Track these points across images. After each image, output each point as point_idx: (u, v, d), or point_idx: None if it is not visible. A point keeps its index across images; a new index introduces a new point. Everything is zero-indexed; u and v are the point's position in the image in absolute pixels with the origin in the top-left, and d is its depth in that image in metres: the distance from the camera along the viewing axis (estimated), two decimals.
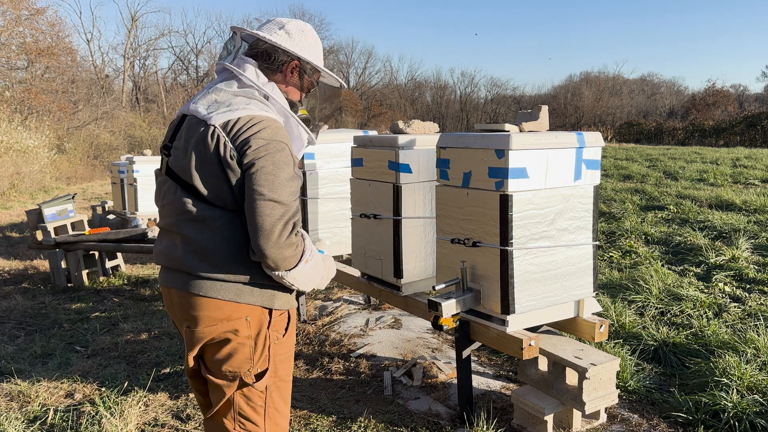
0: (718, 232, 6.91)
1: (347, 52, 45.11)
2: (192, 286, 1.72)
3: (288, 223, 1.61)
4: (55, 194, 14.08)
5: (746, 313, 4.36)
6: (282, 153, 1.66)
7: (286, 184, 1.63)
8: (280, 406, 1.85)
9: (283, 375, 1.84)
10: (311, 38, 1.86)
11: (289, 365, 1.87)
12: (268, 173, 1.62)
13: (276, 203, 1.60)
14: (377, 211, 3.36)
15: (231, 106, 1.69)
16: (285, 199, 1.62)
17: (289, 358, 1.86)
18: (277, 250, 1.60)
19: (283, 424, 1.87)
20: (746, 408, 2.86)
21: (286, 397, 1.88)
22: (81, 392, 3.44)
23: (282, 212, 1.61)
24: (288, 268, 1.65)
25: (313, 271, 1.72)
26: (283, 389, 1.85)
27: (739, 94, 43.82)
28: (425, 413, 3.07)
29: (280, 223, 1.60)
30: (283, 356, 1.82)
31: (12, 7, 18.84)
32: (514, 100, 44.46)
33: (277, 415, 1.84)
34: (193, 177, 1.70)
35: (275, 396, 1.82)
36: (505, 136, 2.59)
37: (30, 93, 19.72)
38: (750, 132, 28.45)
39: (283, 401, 1.86)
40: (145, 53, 37.38)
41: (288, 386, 1.88)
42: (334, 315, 4.68)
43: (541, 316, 2.82)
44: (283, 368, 1.83)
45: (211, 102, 1.73)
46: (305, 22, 1.88)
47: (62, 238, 5.85)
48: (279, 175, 1.63)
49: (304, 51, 1.83)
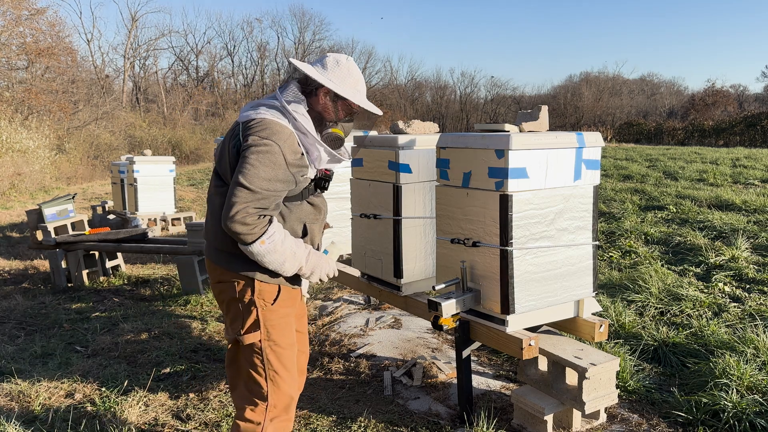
0: (717, 232, 6.91)
1: (347, 52, 45.12)
2: (208, 253, 2.17)
3: (248, 207, 1.90)
4: (56, 194, 14.08)
5: (746, 313, 4.36)
6: (269, 153, 1.94)
7: (261, 176, 1.92)
8: (280, 369, 2.11)
9: (277, 340, 2.10)
10: (344, 69, 2.15)
11: (283, 332, 2.13)
12: (250, 164, 1.92)
13: (245, 189, 1.90)
14: (377, 211, 3.36)
15: (257, 111, 2.05)
16: (255, 188, 1.91)
17: (283, 326, 2.13)
18: (231, 224, 1.91)
19: (285, 388, 2.13)
20: (746, 408, 2.86)
21: (286, 363, 2.13)
22: (81, 392, 3.44)
23: (248, 197, 1.90)
24: (242, 243, 1.95)
25: (273, 255, 1.97)
26: (281, 355, 2.12)
27: (738, 94, 43.82)
28: (425, 413, 3.07)
29: (241, 205, 1.90)
30: (274, 322, 2.10)
31: (12, 7, 18.84)
32: (514, 100, 44.45)
33: (278, 378, 2.11)
34: (218, 159, 2.12)
35: (272, 358, 2.10)
36: (505, 136, 2.59)
37: (30, 93, 19.72)
38: (750, 132, 28.45)
39: (282, 366, 2.12)
40: (145, 53, 37.42)
41: (286, 353, 2.13)
42: (334, 315, 4.68)
43: (541, 316, 2.83)
44: (276, 333, 2.10)
45: (247, 108, 2.12)
46: (347, 57, 2.18)
47: (62, 238, 5.86)
48: (258, 168, 1.92)
49: (333, 80, 2.12)
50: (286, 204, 2.10)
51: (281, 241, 1.99)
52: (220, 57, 41.24)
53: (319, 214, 2.21)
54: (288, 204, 2.10)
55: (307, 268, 2.10)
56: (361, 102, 2.18)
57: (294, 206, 2.11)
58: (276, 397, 2.12)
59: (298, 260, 2.05)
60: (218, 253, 2.11)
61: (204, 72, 39.36)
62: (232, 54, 43.54)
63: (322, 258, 2.15)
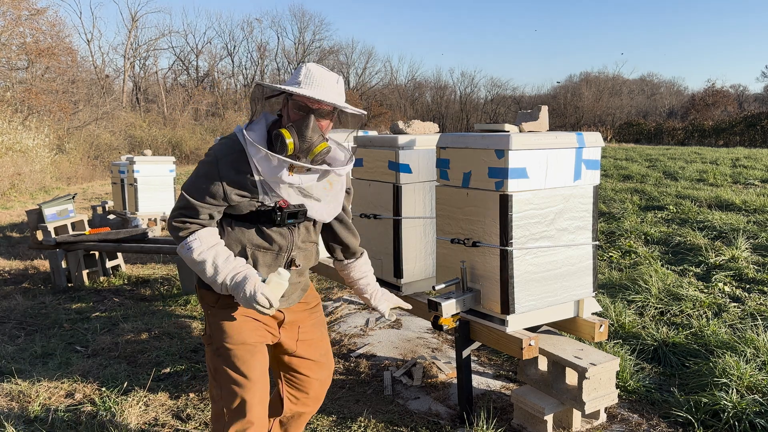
0: (717, 232, 6.91)
1: (347, 52, 45.12)
2: None
3: (176, 213, 1.97)
4: (56, 194, 14.08)
5: (746, 313, 4.36)
6: (206, 164, 1.96)
7: (194, 185, 1.95)
8: (230, 374, 1.99)
9: (219, 340, 2.02)
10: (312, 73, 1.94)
11: (226, 333, 2.02)
12: (193, 173, 1.99)
13: (181, 194, 1.98)
14: (377, 211, 3.36)
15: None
16: (187, 195, 1.95)
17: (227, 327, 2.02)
18: (167, 226, 2.03)
19: (241, 393, 1.97)
20: (746, 408, 2.86)
21: (237, 366, 1.99)
22: (81, 392, 3.44)
23: (180, 203, 1.97)
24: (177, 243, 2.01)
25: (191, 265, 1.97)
26: (226, 356, 2.00)
27: (738, 94, 43.81)
28: (425, 413, 3.07)
29: (175, 210, 1.98)
30: (217, 324, 2.04)
31: (12, 8, 18.83)
32: (514, 100, 44.45)
33: (229, 383, 1.98)
34: None
35: (217, 362, 2.02)
36: (505, 136, 2.59)
37: (30, 93, 19.71)
38: (750, 132, 28.46)
39: (231, 370, 1.99)
40: (146, 53, 37.41)
41: (233, 355, 1.99)
42: (334, 315, 4.68)
43: (541, 316, 2.83)
44: (218, 335, 2.02)
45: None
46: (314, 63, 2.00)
47: (62, 238, 5.86)
48: (193, 177, 1.97)
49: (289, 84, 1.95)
50: (233, 222, 2.01)
51: (198, 252, 1.92)
52: (220, 57, 41.32)
53: (272, 245, 2.02)
54: (234, 222, 2.01)
55: (231, 287, 1.92)
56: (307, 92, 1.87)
57: (239, 226, 2.01)
58: (226, 401, 1.99)
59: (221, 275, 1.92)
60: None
61: (204, 72, 39.39)
62: (232, 54, 43.59)
63: (250, 282, 1.89)
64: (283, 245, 2.04)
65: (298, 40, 42.09)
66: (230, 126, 29.49)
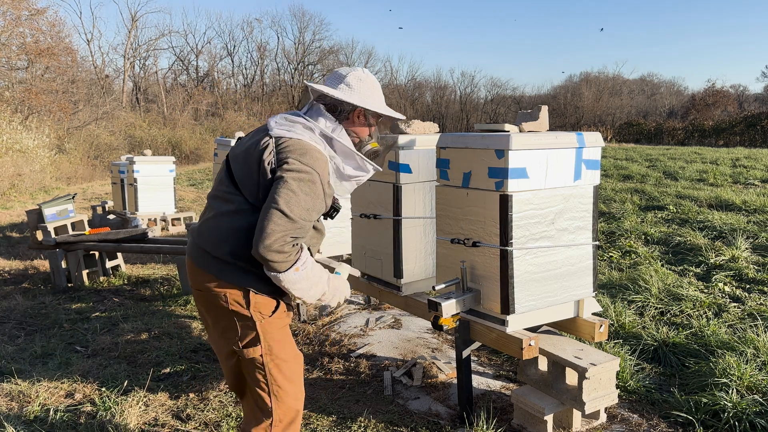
0: (717, 232, 6.91)
1: (347, 52, 45.07)
2: (195, 254, 2.06)
3: (286, 236, 1.84)
4: (56, 194, 14.08)
5: (746, 313, 4.36)
6: (311, 182, 1.91)
7: (302, 205, 1.87)
8: (284, 383, 2.07)
9: (279, 353, 2.05)
10: (368, 83, 2.15)
11: (284, 344, 2.08)
12: (290, 190, 1.87)
13: (285, 217, 1.83)
14: (377, 211, 3.36)
15: (291, 129, 2.00)
16: (295, 216, 1.85)
17: (283, 337, 2.08)
18: (266, 252, 1.83)
19: (289, 402, 2.09)
20: (746, 408, 2.86)
21: (290, 376, 2.09)
22: (81, 392, 3.44)
23: (287, 226, 1.84)
24: (275, 271, 1.88)
25: (303, 282, 1.94)
26: (284, 368, 2.07)
27: (738, 94, 43.83)
28: (425, 413, 3.07)
29: (279, 233, 1.82)
30: (274, 335, 2.04)
31: (12, 8, 18.83)
32: (514, 100, 44.44)
33: (282, 392, 2.07)
34: (237, 165, 2.04)
35: (275, 373, 2.05)
36: (505, 136, 2.59)
37: (30, 93, 19.71)
38: (750, 132, 28.47)
39: (286, 380, 2.07)
40: (146, 53, 37.38)
41: (289, 365, 2.09)
42: (334, 315, 4.68)
43: (541, 316, 2.83)
44: (278, 347, 2.05)
45: (282, 122, 2.05)
46: (362, 69, 2.16)
47: (62, 238, 5.86)
48: (299, 196, 1.87)
49: (364, 99, 2.12)
50: None
51: (311, 267, 1.96)
52: (220, 57, 41.28)
53: (321, 238, 2.19)
54: None
55: (330, 292, 2.08)
56: (393, 113, 2.21)
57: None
58: (281, 412, 2.07)
59: (322, 286, 2.03)
60: (208, 259, 2.00)
61: (204, 72, 39.37)
62: (232, 54, 43.56)
63: (340, 282, 2.15)
64: (324, 234, 2.21)
65: (298, 40, 42.02)
66: (230, 126, 29.47)
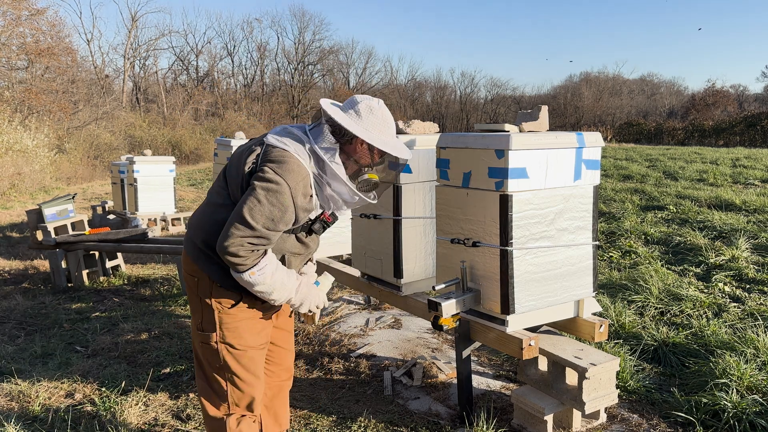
0: (717, 232, 6.91)
1: (347, 52, 45.11)
2: (185, 240, 2.18)
3: (244, 242, 1.89)
4: (56, 194, 14.08)
5: (746, 313, 4.36)
6: (279, 193, 1.91)
7: (265, 215, 1.90)
8: (239, 371, 2.12)
9: (233, 342, 2.10)
10: (378, 115, 2.09)
11: (242, 335, 2.11)
12: (257, 199, 1.90)
13: (246, 225, 1.88)
14: (377, 211, 3.36)
15: (281, 140, 2.01)
16: (256, 225, 1.89)
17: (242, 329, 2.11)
18: (223, 254, 1.92)
19: (246, 389, 2.15)
20: (746, 408, 2.86)
21: (248, 366, 2.14)
22: (81, 392, 3.44)
23: (246, 233, 1.89)
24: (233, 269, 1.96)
25: (260, 286, 1.97)
26: (240, 357, 2.12)
27: (738, 94, 43.85)
28: (425, 413, 3.07)
29: (237, 239, 1.89)
30: (231, 325, 2.10)
31: (12, 8, 18.83)
32: (514, 100, 44.45)
33: (237, 379, 2.13)
34: (232, 163, 2.10)
35: (229, 360, 2.11)
36: (505, 136, 2.59)
37: (30, 93, 19.70)
38: (750, 132, 28.47)
39: (242, 367, 2.13)
40: (146, 53, 37.38)
41: (247, 355, 2.13)
42: (334, 315, 4.68)
43: (541, 316, 2.83)
44: (232, 336, 2.10)
45: (279, 131, 2.08)
46: (378, 101, 2.10)
47: (62, 238, 5.86)
48: (264, 207, 1.90)
49: (368, 130, 2.06)
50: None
51: (271, 273, 1.98)
52: (220, 57, 41.30)
53: (306, 250, 2.19)
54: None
55: (297, 299, 2.11)
56: (400, 153, 2.13)
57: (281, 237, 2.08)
58: (236, 397, 2.15)
59: (288, 292, 2.06)
60: (191, 244, 2.12)
61: (204, 72, 39.37)
62: (232, 54, 43.60)
63: (312, 290, 2.16)
64: (311, 248, 2.22)
65: (298, 40, 42.04)
66: (230, 126, 29.48)
